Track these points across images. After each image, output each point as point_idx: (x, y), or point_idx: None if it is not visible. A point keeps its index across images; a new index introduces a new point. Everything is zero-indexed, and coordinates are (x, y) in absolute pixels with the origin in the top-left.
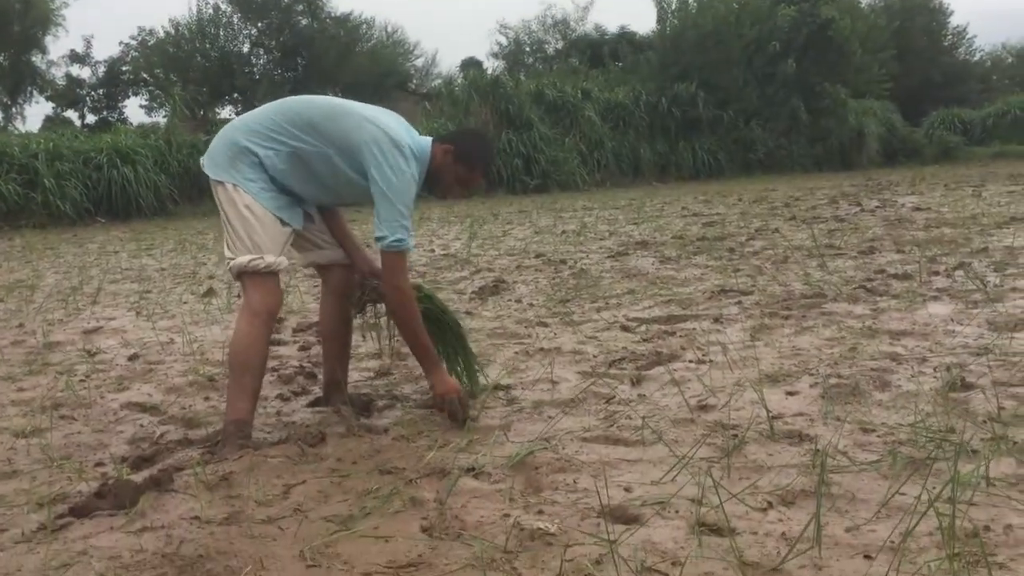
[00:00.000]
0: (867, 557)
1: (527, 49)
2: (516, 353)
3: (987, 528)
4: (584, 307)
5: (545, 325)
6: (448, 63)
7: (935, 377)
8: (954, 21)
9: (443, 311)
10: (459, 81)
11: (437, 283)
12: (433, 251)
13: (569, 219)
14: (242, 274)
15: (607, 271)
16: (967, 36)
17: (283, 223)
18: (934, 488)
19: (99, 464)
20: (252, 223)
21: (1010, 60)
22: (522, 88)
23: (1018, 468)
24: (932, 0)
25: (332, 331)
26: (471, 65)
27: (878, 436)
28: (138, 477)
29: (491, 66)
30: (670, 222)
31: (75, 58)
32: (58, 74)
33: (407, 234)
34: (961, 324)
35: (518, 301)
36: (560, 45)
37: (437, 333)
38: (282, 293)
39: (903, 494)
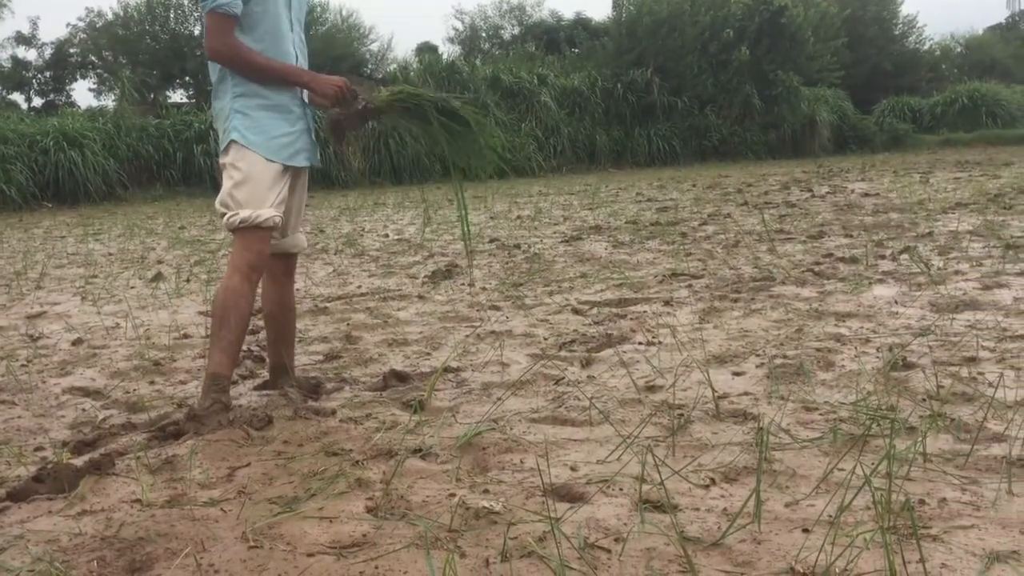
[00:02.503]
0: (805, 531)
1: (483, 35)
2: (467, 336)
3: (922, 502)
4: (537, 291)
5: (497, 309)
6: (404, 48)
7: (878, 357)
8: (904, 10)
9: (445, 101)
10: (414, 66)
11: (391, 267)
12: (387, 236)
13: (524, 204)
14: (230, 230)
15: (560, 255)
16: (917, 25)
17: (280, 164)
18: (871, 464)
19: (39, 449)
20: (236, 179)
21: (959, 50)
22: (478, 73)
23: (955, 444)
24: None
25: (273, 315)
26: (427, 50)
27: (820, 414)
28: (78, 461)
29: (447, 51)
30: (624, 207)
31: (21, 40)
32: (3, 56)
33: None
34: (905, 306)
35: (471, 285)
36: (516, 31)
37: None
38: (264, 248)
39: (842, 470)
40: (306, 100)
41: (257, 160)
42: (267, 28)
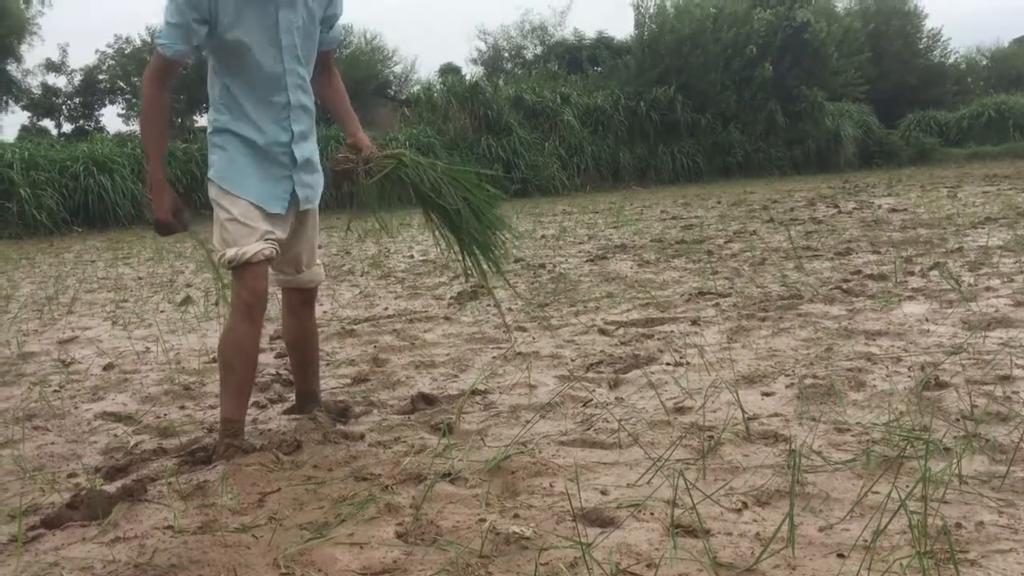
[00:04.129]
0: (840, 556)
1: (506, 55)
2: (494, 358)
3: (959, 525)
4: (562, 311)
5: (523, 329)
6: (427, 69)
7: (909, 376)
8: (929, 24)
9: (434, 189)
10: (438, 87)
11: (416, 288)
12: (412, 256)
13: (548, 223)
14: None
15: (586, 275)
16: (942, 39)
17: (256, 207)
18: (906, 486)
19: (72, 475)
20: (221, 218)
21: (984, 62)
22: (501, 93)
23: (990, 465)
24: (907, 3)
25: (294, 344)
26: (450, 71)
27: (852, 435)
28: (111, 487)
29: (470, 72)
30: (649, 225)
31: (51, 67)
32: (34, 83)
33: (167, 38)
34: (936, 324)
35: (497, 306)
36: (539, 50)
37: (436, 208)
38: (259, 283)
39: (876, 492)
40: (294, 138)
41: (234, 199)
42: (246, 64)
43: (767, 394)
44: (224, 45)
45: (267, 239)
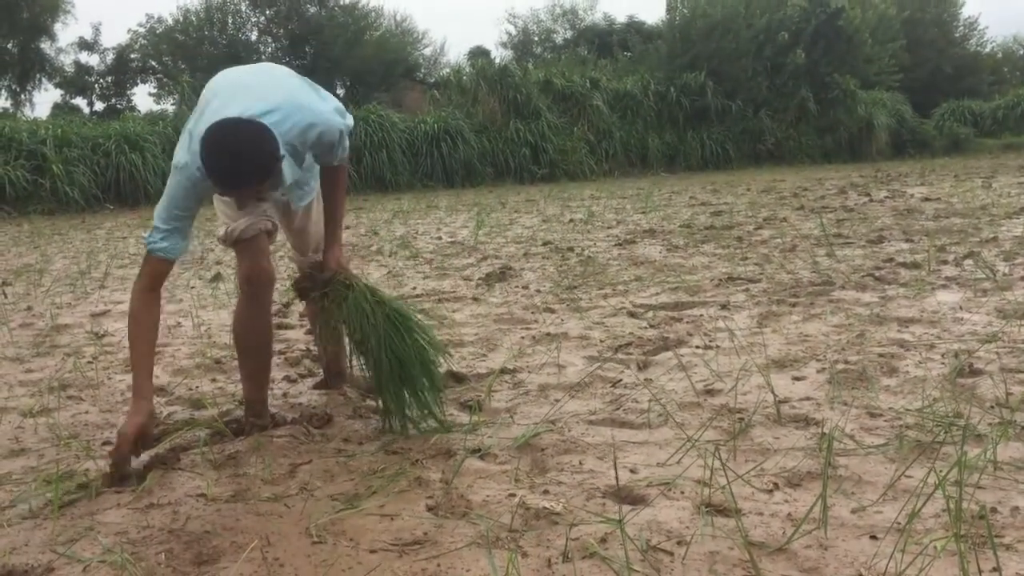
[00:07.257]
0: (873, 537)
1: (535, 39)
2: (522, 338)
3: (994, 510)
4: (591, 293)
5: (552, 311)
6: (456, 52)
7: (943, 363)
8: (965, 12)
9: (361, 332)
10: (467, 70)
11: (444, 269)
12: (440, 238)
13: (577, 208)
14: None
15: (614, 259)
16: (978, 27)
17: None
18: (941, 471)
19: (106, 443)
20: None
21: (1021, 52)
22: (530, 77)
23: None
24: None
25: (315, 321)
26: (479, 54)
27: (885, 420)
28: (145, 456)
29: (499, 55)
30: (678, 211)
31: (84, 45)
32: (67, 61)
33: (157, 235)
34: (970, 312)
35: (525, 287)
36: (569, 35)
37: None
38: (258, 259)
39: (909, 476)
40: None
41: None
42: None
43: (798, 378)
44: None
45: (257, 216)
